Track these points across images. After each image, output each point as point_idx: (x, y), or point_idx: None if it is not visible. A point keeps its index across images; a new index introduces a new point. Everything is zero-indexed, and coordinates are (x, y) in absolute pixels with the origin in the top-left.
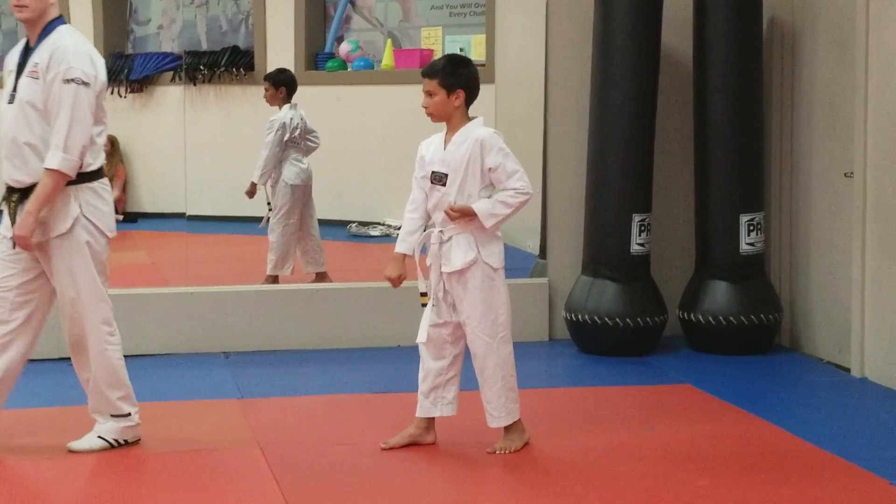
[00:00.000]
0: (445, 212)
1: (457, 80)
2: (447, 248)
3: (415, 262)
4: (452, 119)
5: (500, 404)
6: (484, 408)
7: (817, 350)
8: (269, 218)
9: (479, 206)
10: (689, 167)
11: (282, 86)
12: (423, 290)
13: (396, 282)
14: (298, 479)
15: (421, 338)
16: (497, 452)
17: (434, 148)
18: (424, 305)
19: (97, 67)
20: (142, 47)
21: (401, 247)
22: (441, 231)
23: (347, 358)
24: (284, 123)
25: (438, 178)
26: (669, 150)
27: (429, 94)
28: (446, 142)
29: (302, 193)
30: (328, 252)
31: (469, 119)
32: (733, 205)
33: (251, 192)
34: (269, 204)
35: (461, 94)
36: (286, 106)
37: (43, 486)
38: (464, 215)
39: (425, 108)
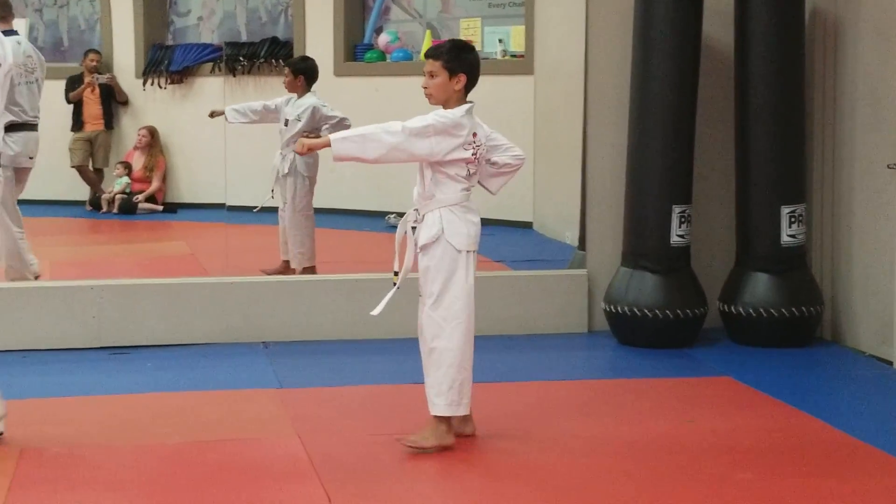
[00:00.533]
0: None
1: (460, 64)
2: (420, 226)
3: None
4: (449, 103)
5: (439, 390)
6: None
7: (859, 343)
8: (262, 204)
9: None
10: (730, 158)
11: (301, 74)
12: (396, 268)
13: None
14: (337, 468)
15: (375, 311)
16: (404, 443)
17: None
18: (395, 285)
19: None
20: (182, 38)
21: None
22: (416, 209)
23: (386, 348)
24: (315, 107)
25: None
26: (710, 140)
27: (430, 74)
28: None
29: (313, 184)
30: (366, 243)
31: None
32: (775, 196)
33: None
34: (272, 192)
35: (462, 78)
36: (310, 94)
37: (80, 474)
38: (305, 145)
39: (425, 88)
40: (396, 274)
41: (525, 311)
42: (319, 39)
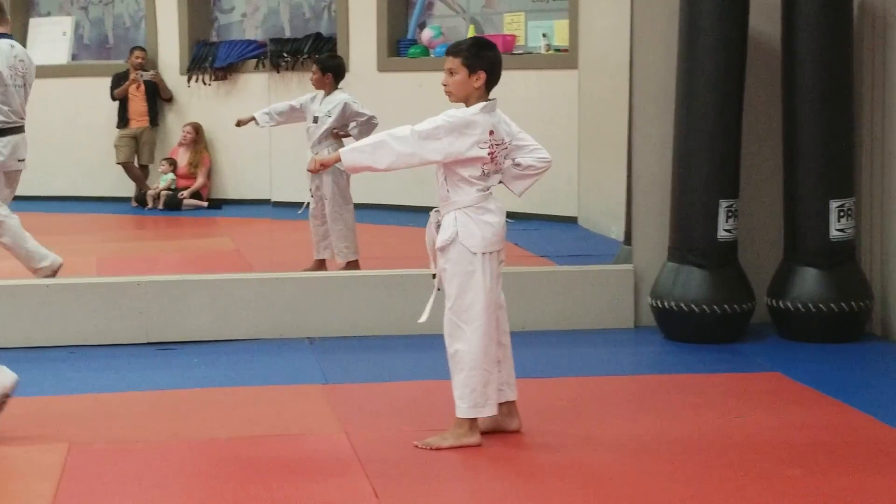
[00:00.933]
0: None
1: (480, 61)
2: (440, 227)
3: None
4: (470, 100)
5: (462, 393)
6: None
7: None
8: (308, 204)
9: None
10: (778, 152)
11: (329, 71)
12: (433, 271)
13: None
14: (384, 464)
15: (422, 319)
16: (419, 446)
17: None
18: (437, 288)
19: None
20: (226, 35)
21: None
22: (437, 210)
23: (431, 344)
24: (347, 103)
25: None
26: (757, 134)
27: (450, 72)
28: None
29: (348, 178)
30: (411, 238)
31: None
32: (823, 190)
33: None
34: (311, 191)
35: (482, 75)
36: (338, 90)
37: (128, 469)
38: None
39: (444, 85)
40: (434, 276)
41: (570, 307)
42: (363, 35)
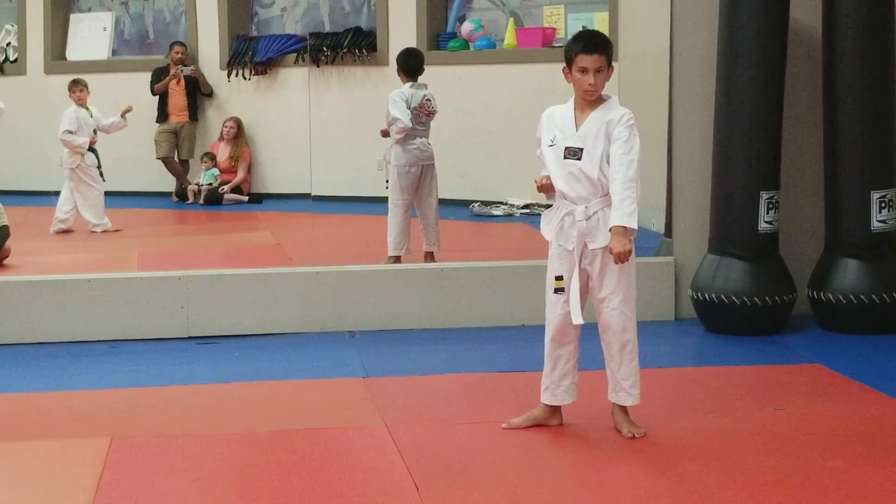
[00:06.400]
0: (616, 257)
1: (612, 54)
2: (593, 223)
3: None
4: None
5: (635, 381)
6: (613, 385)
7: None
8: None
9: (619, 220)
10: (819, 143)
11: (398, 66)
12: (558, 273)
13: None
14: (424, 457)
15: (577, 320)
16: (635, 436)
17: (564, 119)
18: (558, 290)
19: None
20: (266, 29)
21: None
22: (586, 207)
23: (471, 337)
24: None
25: (573, 153)
26: (798, 125)
27: (598, 70)
28: (579, 116)
29: (406, 174)
30: (451, 231)
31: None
32: (864, 181)
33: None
34: (386, 182)
35: (612, 68)
36: (407, 85)
37: (169, 462)
38: (626, 247)
39: (592, 84)
40: (559, 279)
41: None
42: (403, 29)
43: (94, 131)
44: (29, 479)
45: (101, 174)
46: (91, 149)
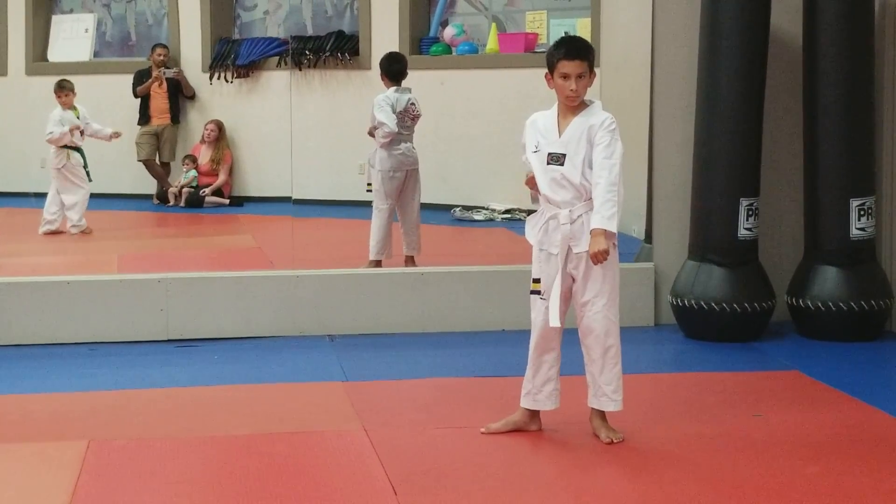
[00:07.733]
0: (592, 256)
1: (594, 59)
2: (577, 227)
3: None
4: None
5: (618, 386)
6: (594, 391)
7: None
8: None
9: (598, 223)
10: (799, 151)
11: (381, 70)
12: (536, 275)
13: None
14: (402, 461)
15: (554, 322)
16: (614, 441)
17: (547, 125)
18: (535, 293)
19: None
20: (248, 32)
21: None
22: (570, 211)
23: (451, 342)
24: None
25: (556, 159)
26: (778, 133)
27: (580, 76)
28: (562, 122)
29: (390, 179)
30: (432, 236)
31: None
32: (843, 189)
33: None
34: (368, 185)
35: (595, 74)
36: (392, 90)
37: (147, 465)
38: (602, 246)
39: (573, 90)
40: (537, 281)
41: None
42: (385, 33)
43: (81, 132)
44: (5, 481)
45: (88, 174)
46: (77, 148)
